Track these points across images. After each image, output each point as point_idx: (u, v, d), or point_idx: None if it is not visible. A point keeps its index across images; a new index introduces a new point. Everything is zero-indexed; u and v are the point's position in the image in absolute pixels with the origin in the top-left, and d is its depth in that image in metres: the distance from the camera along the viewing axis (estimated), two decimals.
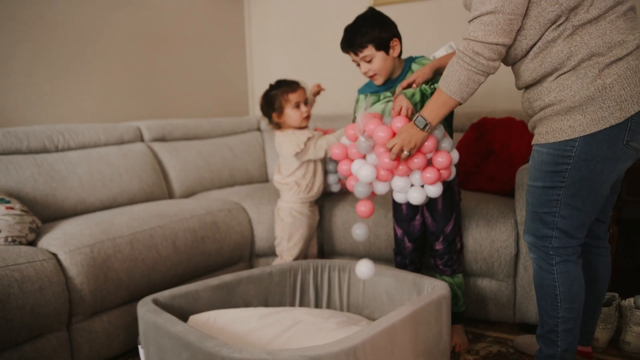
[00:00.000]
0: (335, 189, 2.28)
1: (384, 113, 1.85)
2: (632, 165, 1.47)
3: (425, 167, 1.58)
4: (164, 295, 1.59)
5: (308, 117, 2.08)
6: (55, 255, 1.72)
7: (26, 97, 2.42)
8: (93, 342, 1.78)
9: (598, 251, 1.63)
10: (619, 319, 1.91)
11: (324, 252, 2.40)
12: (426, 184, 1.59)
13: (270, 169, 3.09)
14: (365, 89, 1.97)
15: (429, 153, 1.57)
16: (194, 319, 1.59)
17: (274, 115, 2.10)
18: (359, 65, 1.86)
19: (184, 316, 1.60)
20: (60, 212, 2.10)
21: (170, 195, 2.60)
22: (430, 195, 1.61)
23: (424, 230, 1.96)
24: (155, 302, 1.53)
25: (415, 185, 1.61)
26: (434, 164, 1.59)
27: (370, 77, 1.87)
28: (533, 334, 1.88)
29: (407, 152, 1.50)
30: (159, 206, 2.20)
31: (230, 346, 1.21)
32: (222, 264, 2.26)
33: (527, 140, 2.28)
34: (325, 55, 3.25)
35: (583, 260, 1.56)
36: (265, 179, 3.07)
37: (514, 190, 2.01)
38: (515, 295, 2.02)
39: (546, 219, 1.46)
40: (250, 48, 3.66)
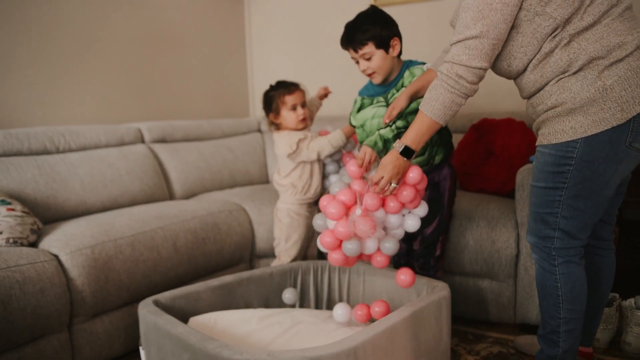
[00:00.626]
0: (333, 180, 2.24)
1: (373, 116, 1.85)
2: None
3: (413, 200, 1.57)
4: (164, 296, 1.59)
5: (304, 120, 2.08)
6: (56, 256, 1.72)
7: (27, 99, 2.42)
8: (94, 344, 1.79)
9: (602, 252, 1.63)
10: (619, 319, 1.91)
11: (324, 253, 2.40)
12: (411, 208, 1.60)
13: (270, 170, 3.09)
14: (364, 91, 1.97)
15: (419, 184, 1.57)
16: (194, 320, 1.60)
17: (271, 116, 2.11)
18: (357, 62, 1.85)
19: (184, 317, 1.60)
20: (61, 214, 2.10)
21: (171, 196, 2.61)
22: (420, 214, 1.62)
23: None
24: (156, 304, 1.54)
25: (405, 214, 1.62)
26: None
27: (369, 75, 1.86)
28: (534, 335, 1.88)
29: (395, 184, 1.51)
30: (160, 207, 2.21)
31: (231, 347, 1.22)
32: (223, 265, 2.26)
33: (527, 141, 2.28)
34: (326, 55, 3.26)
35: (587, 261, 1.56)
36: (265, 180, 3.08)
37: (514, 191, 2.01)
38: (516, 295, 2.02)
39: (548, 220, 1.46)
40: (250, 49, 3.66)
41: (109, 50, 2.75)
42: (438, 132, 1.78)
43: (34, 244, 1.80)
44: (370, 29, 1.78)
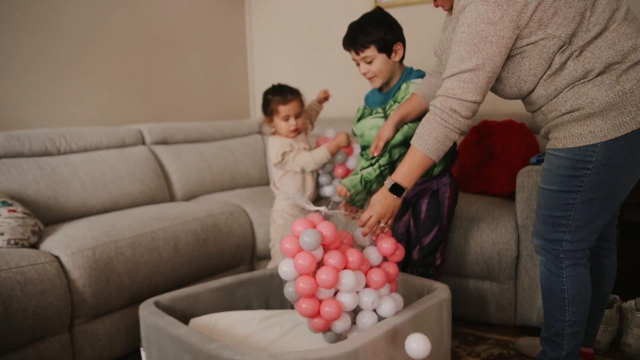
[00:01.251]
0: (328, 192, 2.18)
1: (371, 127, 1.82)
2: None
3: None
4: (165, 297, 1.59)
5: (296, 131, 2.08)
6: (57, 257, 1.73)
7: (28, 100, 2.43)
8: (95, 345, 1.79)
9: (605, 253, 1.63)
10: (620, 321, 1.91)
11: None
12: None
13: (271, 171, 3.10)
14: (368, 98, 1.94)
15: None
16: (195, 321, 1.60)
17: (266, 119, 2.12)
18: (358, 64, 1.82)
19: (185, 318, 1.60)
20: (62, 215, 2.10)
21: (171, 198, 2.61)
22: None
23: (408, 235, 1.94)
24: (157, 305, 1.54)
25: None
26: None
27: (369, 79, 1.83)
28: (534, 336, 1.88)
29: (384, 224, 1.43)
30: (161, 209, 2.21)
31: (232, 349, 1.22)
32: (224, 267, 2.26)
33: (528, 143, 2.28)
34: (327, 57, 3.26)
35: (591, 263, 1.56)
36: (266, 181, 3.08)
37: (515, 192, 2.01)
38: (516, 297, 2.02)
39: (560, 223, 1.45)
40: (251, 51, 3.67)
41: (110, 52, 2.76)
42: None
43: (35, 245, 1.81)
44: (373, 32, 1.74)
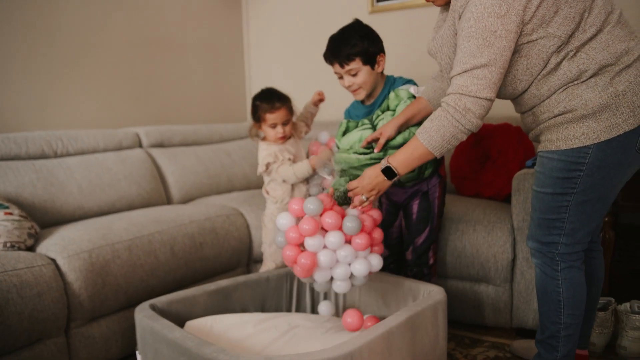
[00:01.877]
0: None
1: (360, 139, 1.79)
2: None
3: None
4: (161, 300, 1.60)
5: (283, 138, 2.08)
6: (53, 260, 1.73)
7: (25, 103, 2.43)
8: (91, 348, 1.79)
9: (592, 254, 1.64)
10: (615, 323, 1.92)
11: None
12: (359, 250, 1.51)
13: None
14: (349, 112, 1.93)
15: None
16: (190, 324, 1.60)
17: (255, 125, 2.12)
18: (341, 77, 1.79)
19: (181, 321, 1.60)
20: (59, 218, 2.10)
21: (168, 201, 2.61)
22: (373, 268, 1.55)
23: (401, 238, 1.95)
24: (153, 308, 1.54)
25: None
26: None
27: (353, 92, 1.80)
28: (530, 339, 1.89)
29: (365, 198, 1.49)
30: (158, 212, 2.21)
31: (227, 352, 1.22)
32: (220, 270, 2.26)
33: (524, 146, 2.29)
34: (324, 61, 3.26)
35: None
36: (263, 184, 3.08)
37: (511, 195, 2.02)
38: (512, 300, 2.03)
39: (555, 225, 1.45)
40: (248, 54, 3.67)
41: (107, 55, 2.76)
42: None
43: (31, 248, 1.81)
44: (358, 44, 1.72)
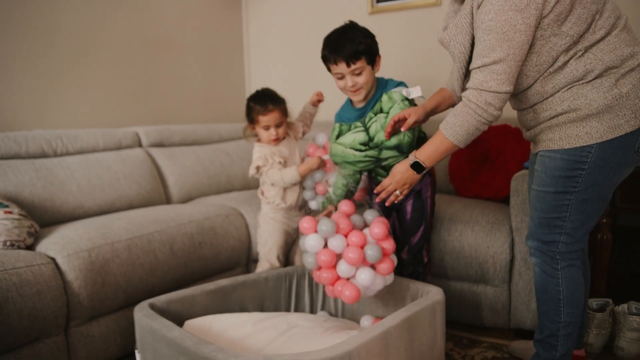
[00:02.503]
0: (314, 206, 2.16)
1: (353, 141, 1.79)
2: None
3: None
4: (160, 300, 1.60)
5: (276, 140, 2.08)
6: (53, 259, 1.73)
7: (25, 102, 2.43)
8: (90, 347, 1.79)
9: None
10: (612, 324, 1.92)
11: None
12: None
13: None
14: (340, 116, 1.92)
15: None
16: (189, 323, 1.60)
17: (249, 126, 2.12)
18: (341, 78, 1.76)
19: (180, 320, 1.61)
20: (59, 217, 2.11)
21: (168, 200, 2.62)
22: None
23: (394, 237, 1.93)
24: (152, 307, 1.55)
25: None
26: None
27: (355, 91, 1.77)
28: (528, 340, 1.89)
29: (399, 192, 1.61)
30: (157, 211, 2.21)
31: (226, 351, 1.22)
32: (220, 269, 2.26)
33: (522, 147, 2.30)
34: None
35: None
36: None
37: (509, 196, 2.02)
38: (510, 300, 2.04)
39: (556, 224, 1.47)
40: (248, 54, 3.68)
41: (107, 54, 2.76)
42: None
43: (31, 247, 1.81)
44: (363, 42, 1.71)
